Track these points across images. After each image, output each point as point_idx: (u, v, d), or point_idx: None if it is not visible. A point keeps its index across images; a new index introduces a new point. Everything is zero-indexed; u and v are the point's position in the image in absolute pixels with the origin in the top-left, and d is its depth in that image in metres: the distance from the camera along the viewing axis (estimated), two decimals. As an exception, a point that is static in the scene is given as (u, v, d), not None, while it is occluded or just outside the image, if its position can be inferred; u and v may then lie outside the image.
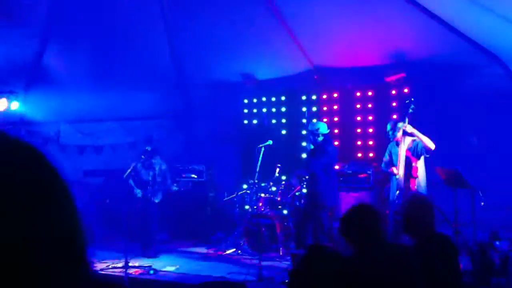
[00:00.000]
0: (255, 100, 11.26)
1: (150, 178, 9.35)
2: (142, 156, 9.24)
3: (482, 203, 7.45)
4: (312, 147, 8.19)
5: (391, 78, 9.63)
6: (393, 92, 9.77)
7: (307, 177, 8.47)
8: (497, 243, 7.10)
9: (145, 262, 8.44)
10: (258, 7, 9.21)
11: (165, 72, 11.13)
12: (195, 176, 10.90)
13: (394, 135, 7.73)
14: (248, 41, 9.87)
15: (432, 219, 3.99)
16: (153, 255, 8.93)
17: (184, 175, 10.93)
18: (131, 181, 9.22)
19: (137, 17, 9.50)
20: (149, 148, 9.44)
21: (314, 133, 8.16)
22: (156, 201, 9.38)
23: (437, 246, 3.83)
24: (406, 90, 9.52)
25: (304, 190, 8.92)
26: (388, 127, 7.85)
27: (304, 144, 8.37)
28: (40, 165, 0.90)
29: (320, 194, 7.95)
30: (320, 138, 8.14)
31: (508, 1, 7.09)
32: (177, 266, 8.24)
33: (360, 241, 3.42)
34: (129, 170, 9.15)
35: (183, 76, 11.31)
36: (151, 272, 7.91)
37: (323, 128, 8.20)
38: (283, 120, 11.05)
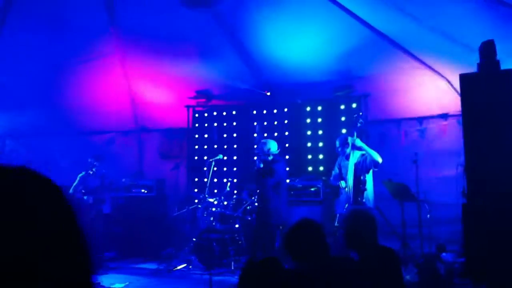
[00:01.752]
0: (206, 115, 11.23)
1: (98, 184, 9.33)
2: (93, 170, 9.22)
3: (428, 216, 7.64)
4: (261, 165, 8.20)
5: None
6: (342, 107, 9.94)
7: (258, 191, 8.50)
8: (444, 254, 7.29)
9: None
10: (211, 24, 9.23)
11: (116, 87, 10.99)
12: (145, 191, 10.77)
13: (343, 150, 7.87)
14: (201, 56, 9.86)
15: (374, 233, 4.01)
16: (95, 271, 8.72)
17: (133, 190, 10.78)
18: (76, 193, 9.17)
19: (83, 26, 9.33)
20: (91, 160, 9.37)
21: (264, 152, 8.19)
22: (105, 211, 9.31)
23: (380, 260, 3.89)
24: (354, 105, 9.71)
25: (255, 204, 8.94)
26: (337, 143, 7.98)
27: (255, 158, 8.37)
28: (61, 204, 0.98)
29: (270, 213, 7.99)
30: (270, 158, 8.17)
31: (450, 19, 7.35)
32: (127, 283, 8.08)
33: (302, 256, 3.42)
34: (75, 183, 9.09)
35: (133, 92, 11.18)
36: (99, 289, 7.73)
37: (273, 147, 8.24)
38: (234, 135, 11.06)
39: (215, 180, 10.32)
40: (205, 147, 11.12)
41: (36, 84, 10.14)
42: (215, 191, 10.18)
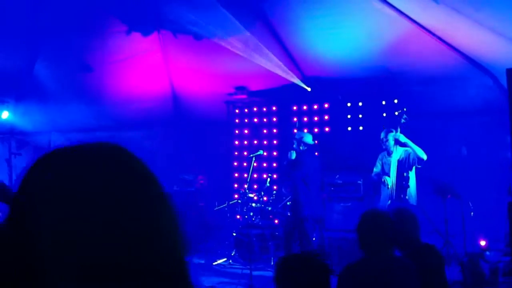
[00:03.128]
0: (246, 110, 11.27)
1: None
2: None
3: (472, 213, 7.50)
4: (294, 156, 8.24)
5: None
6: (383, 102, 9.82)
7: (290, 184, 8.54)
8: (487, 253, 7.14)
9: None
10: (252, 20, 9.25)
11: (155, 81, 11.13)
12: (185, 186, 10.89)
13: (386, 145, 7.79)
14: (242, 52, 9.89)
15: (417, 231, 3.96)
16: None
17: (175, 185, 10.93)
18: None
19: (128, 26, 9.49)
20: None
21: (298, 141, 8.24)
22: None
23: (423, 257, 3.83)
24: (396, 101, 9.58)
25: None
26: (382, 134, 7.90)
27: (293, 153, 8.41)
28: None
29: (300, 205, 8.03)
30: (302, 148, 8.22)
31: (496, 13, 7.17)
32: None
33: (372, 248, 3.42)
34: None
35: (173, 83, 11.31)
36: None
37: (308, 138, 8.28)
38: (274, 130, 11.07)
39: (255, 175, 10.36)
40: (245, 142, 11.16)
41: (80, 80, 10.38)
42: (255, 186, 10.22)
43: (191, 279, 0.94)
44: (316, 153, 9.36)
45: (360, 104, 10.12)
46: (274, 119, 11.09)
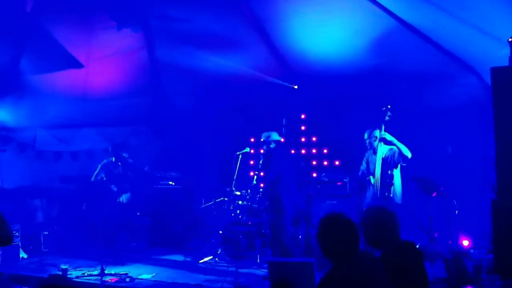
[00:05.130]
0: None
1: (120, 171, 9.55)
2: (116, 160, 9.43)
3: (457, 212, 7.55)
4: (264, 157, 8.41)
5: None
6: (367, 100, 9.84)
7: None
8: (472, 251, 7.20)
9: (122, 269, 8.36)
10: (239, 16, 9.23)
11: (142, 78, 11.06)
12: (172, 183, 10.85)
13: (371, 143, 7.82)
14: (228, 48, 9.87)
15: (396, 229, 3.96)
16: (122, 262, 8.84)
17: (161, 182, 10.89)
18: (102, 178, 9.41)
19: (115, 23, 9.41)
20: (126, 155, 9.52)
21: (266, 142, 8.37)
22: (123, 200, 9.49)
23: (403, 255, 3.84)
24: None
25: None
26: (366, 135, 7.93)
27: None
28: None
29: (279, 200, 8.09)
30: (272, 145, 8.33)
31: (481, 12, 7.20)
32: (154, 274, 8.18)
33: (335, 253, 3.41)
34: (96, 171, 9.30)
35: (160, 82, 11.25)
36: (127, 280, 7.84)
37: (274, 135, 8.40)
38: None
39: (243, 173, 10.34)
40: (232, 139, 11.13)
41: (66, 75, 10.29)
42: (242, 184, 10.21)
43: None
44: (292, 151, 9.48)
45: (347, 101, 10.13)
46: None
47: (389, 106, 7.75)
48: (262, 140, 8.58)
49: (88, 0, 8.90)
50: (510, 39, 5.69)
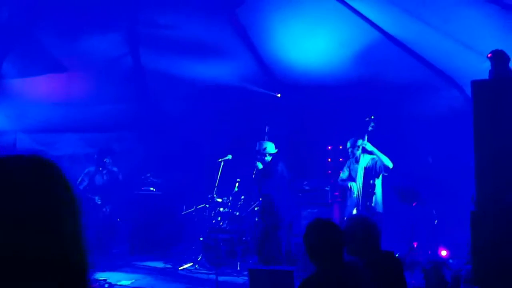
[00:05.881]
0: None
1: (104, 181, 9.43)
2: (103, 167, 9.32)
3: (436, 221, 7.62)
4: (261, 166, 8.35)
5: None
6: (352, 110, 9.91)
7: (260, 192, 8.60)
8: (450, 261, 7.27)
9: (101, 275, 8.29)
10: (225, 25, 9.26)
11: (126, 84, 11.02)
12: (154, 189, 10.81)
13: (353, 153, 7.88)
14: (214, 57, 9.89)
15: (376, 239, 3.99)
16: (101, 269, 8.77)
17: (143, 188, 10.83)
18: (84, 187, 9.30)
19: (99, 27, 9.38)
20: (107, 160, 9.45)
21: (261, 153, 8.33)
22: (106, 210, 9.42)
23: (383, 265, 3.88)
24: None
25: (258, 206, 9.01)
26: (348, 144, 7.99)
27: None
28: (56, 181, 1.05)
29: (276, 214, 8.10)
30: (268, 158, 8.31)
31: (464, 26, 7.32)
32: (133, 280, 8.13)
33: (320, 257, 3.41)
34: (80, 178, 9.19)
35: (146, 89, 11.22)
36: (106, 286, 7.77)
37: (270, 147, 8.38)
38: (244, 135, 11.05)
39: (224, 180, 10.33)
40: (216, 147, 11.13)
41: (49, 80, 10.22)
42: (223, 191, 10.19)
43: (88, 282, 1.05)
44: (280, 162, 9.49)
45: (330, 110, 10.21)
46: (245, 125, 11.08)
47: (372, 117, 7.82)
48: (256, 149, 8.52)
49: (73, 5, 8.87)
50: (489, 55, 5.78)
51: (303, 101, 10.40)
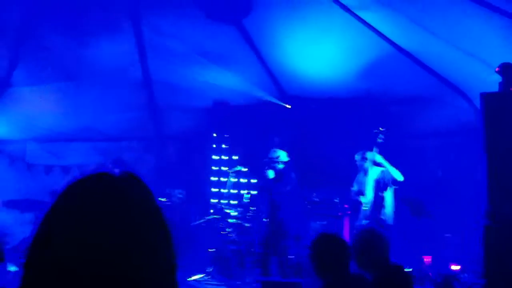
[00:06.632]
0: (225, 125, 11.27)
1: None
2: None
3: (447, 235, 7.59)
4: (272, 175, 8.30)
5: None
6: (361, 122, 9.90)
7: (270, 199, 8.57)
8: (462, 275, 7.22)
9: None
10: (233, 35, 9.29)
11: (136, 94, 11.07)
12: (164, 200, 10.81)
13: (362, 165, 7.86)
14: (223, 67, 9.91)
15: (385, 252, 3.98)
16: None
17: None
18: None
19: (108, 36, 9.44)
20: (118, 171, 9.45)
21: (274, 161, 8.30)
22: None
23: (392, 278, 3.87)
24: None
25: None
26: (357, 156, 7.98)
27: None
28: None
29: (283, 223, 8.05)
30: (281, 166, 8.27)
31: (473, 37, 7.32)
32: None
33: (328, 271, 3.42)
34: None
35: (154, 99, 11.27)
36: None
37: (283, 156, 8.34)
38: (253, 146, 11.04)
39: (234, 191, 10.34)
40: (224, 157, 11.14)
41: (59, 88, 10.29)
42: (233, 202, 10.19)
43: None
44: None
45: (339, 122, 10.19)
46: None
47: (381, 129, 7.81)
48: (269, 156, 8.51)
49: (83, 14, 8.94)
50: (497, 69, 5.78)
51: (311, 112, 10.39)
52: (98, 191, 1.08)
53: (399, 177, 7.46)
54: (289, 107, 10.41)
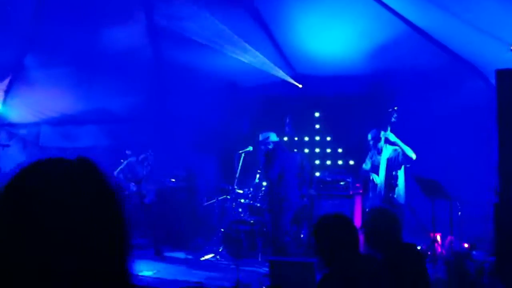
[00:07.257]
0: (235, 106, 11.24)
1: (145, 173, 9.46)
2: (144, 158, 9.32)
3: (459, 213, 7.53)
4: (266, 156, 8.61)
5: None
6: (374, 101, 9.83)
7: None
8: (474, 253, 7.18)
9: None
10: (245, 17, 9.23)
11: (146, 77, 11.07)
12: (174, 181, 10.85)
13: (375, 145, 7.81)
14: (235, 48, 9.86)
15: (397, 232, 3.94)
16: None
17: (164, 180, 10.88)
18: (120, 176, 9.35)
19: (120, 20, 9.43)
20: (129, 152, 9.48)
21: (265, 143, 8.55)
22: (147, 202, 9.45)
23: (403, 257, 3.83)
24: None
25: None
26: (370, 136, 7.92)
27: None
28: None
29: (279, 199, 8.20)
30: (271, 146, 8.52)
31: (489, 15, 7.19)
32: (155, 271, 8.19)
33: (330, 253, 3.36)
34: (121, 166, 9.23)
35: (164, 80, 11.26)
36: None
37: (272, 136, 8.74)
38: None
39: (245, 171, 10.33)
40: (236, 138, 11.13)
41: (70, 72, 10.32)
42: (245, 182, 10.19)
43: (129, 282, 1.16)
44: (295, 149, 9.62)
45: (351, 103, 10.12)
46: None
47: (395, 108, 7.74)
48: (260, 140, 8.74)
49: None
50: (512, 48, 5.67)
51: (325, 92, 10.33)
52: (48, 174, 1.13)
53: (413, 155, 7.40)
54: (301, 86, 10.34)
